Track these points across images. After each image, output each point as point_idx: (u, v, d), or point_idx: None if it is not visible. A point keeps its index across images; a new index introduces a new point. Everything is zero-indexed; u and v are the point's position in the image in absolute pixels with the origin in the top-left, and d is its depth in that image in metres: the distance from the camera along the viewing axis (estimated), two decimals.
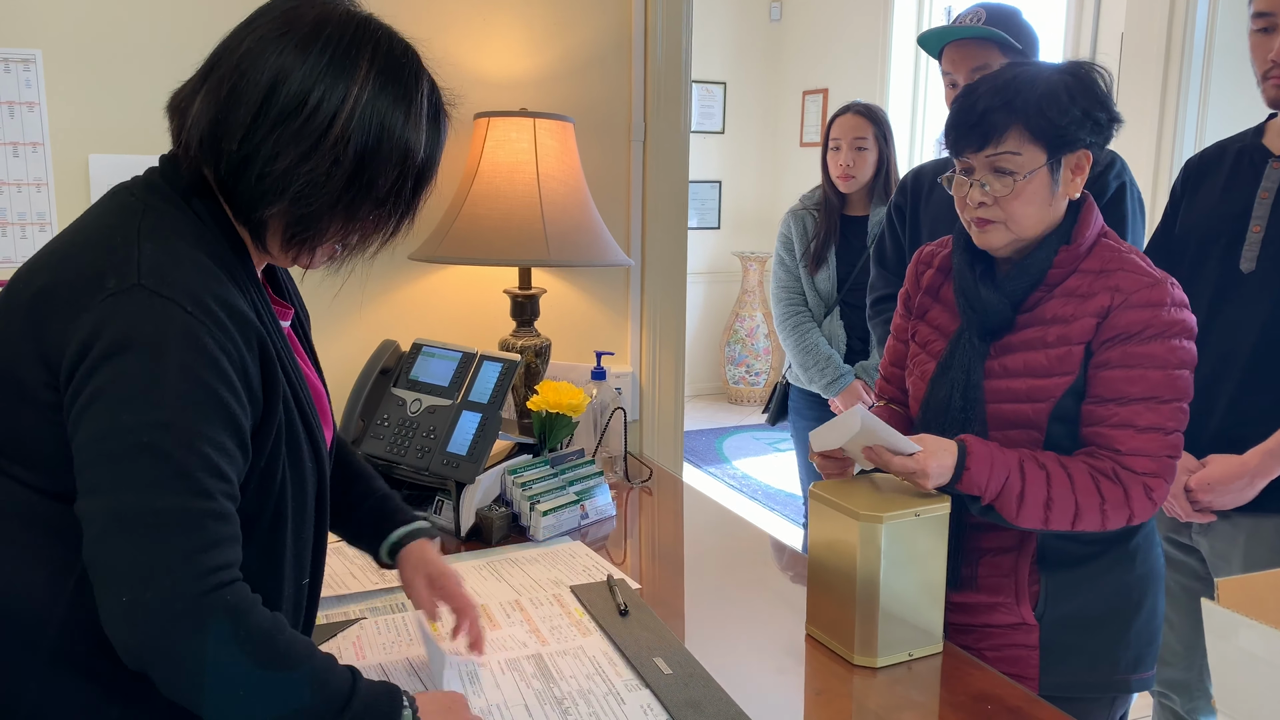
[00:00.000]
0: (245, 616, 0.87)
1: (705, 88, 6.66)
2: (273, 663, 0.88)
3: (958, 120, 1.37)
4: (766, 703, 1.20)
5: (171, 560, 0.83)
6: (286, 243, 0.98)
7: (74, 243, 0.93)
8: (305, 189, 0.93)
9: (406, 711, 0.96)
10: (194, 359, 0.87)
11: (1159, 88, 3.34)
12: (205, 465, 0.86)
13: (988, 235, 1.39)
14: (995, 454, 1.32)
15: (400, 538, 1.27)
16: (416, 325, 2.19)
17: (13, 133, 1.84)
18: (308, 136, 0.92)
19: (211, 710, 0.87)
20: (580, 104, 2.27)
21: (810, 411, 2.82)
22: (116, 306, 0.86)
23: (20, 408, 0.89)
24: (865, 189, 2.74)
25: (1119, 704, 1.47)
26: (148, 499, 0.84)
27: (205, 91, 0.94)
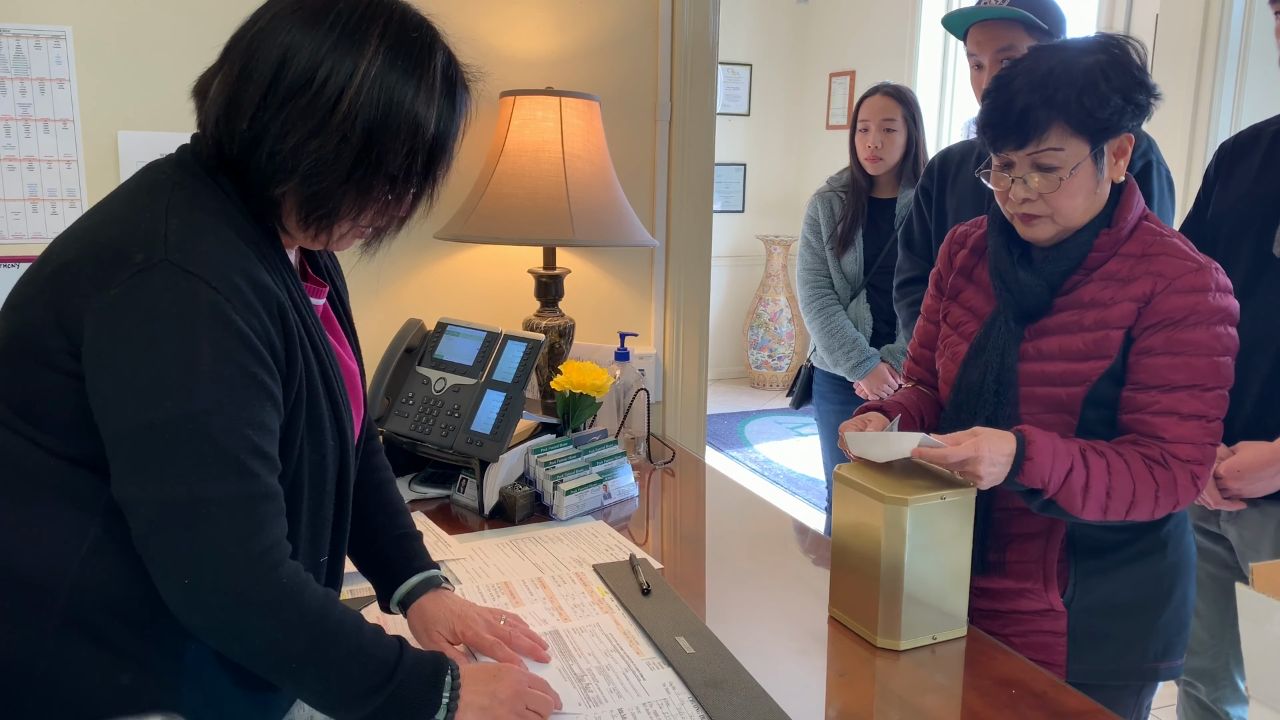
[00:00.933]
0: (298, 596, 0.91)
1: (731, 69, 6.62)
2: (324, 639, 0.92)
3: (994, 118, 1.33)
4: (789, 683, 1.20)
5: (225, 547, 0.87)
6: (303, 221, 0.98)
7: (103, 218, 0.94)
8: (315, 166, 0.93)
9: (448, 679, 1.00)
10: (225, 337, 0.88)
11: (1194, 70, 3.28)
12: (248, 447, 0.88)
13: (1034, 229, 1.36)
14: (1057, 443, 1.29)
15: (409, 590, 1.21)
16: (441, 304, 2.19)
17: (43, 109, 1.85)
18: (315, 113, 0.91)
19: (272, 677, 0.94)
20: (606, 83, 2.26)
21: (834, 395, 2.81)
22: (143, 282, 0.87)
23: (40, 372, 0.90)
24: (893, 171, 2.71)
25: (1146, 692, 1.46)
26: (195, 488, 0.86)
27: (222, 73, 0.95)
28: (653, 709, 1.12)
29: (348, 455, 1.07)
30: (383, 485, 1.27)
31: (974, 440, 1.27)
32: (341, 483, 1.07)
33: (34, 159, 1.86)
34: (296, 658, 0.92)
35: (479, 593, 1.43)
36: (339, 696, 0.95)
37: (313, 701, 0.98)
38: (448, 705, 0.99)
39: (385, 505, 1.26)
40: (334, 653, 0.93)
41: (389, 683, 0.95)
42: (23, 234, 1.88)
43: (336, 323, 1.16)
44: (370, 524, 1.23)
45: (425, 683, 0.99)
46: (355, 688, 0.94)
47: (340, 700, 0.96)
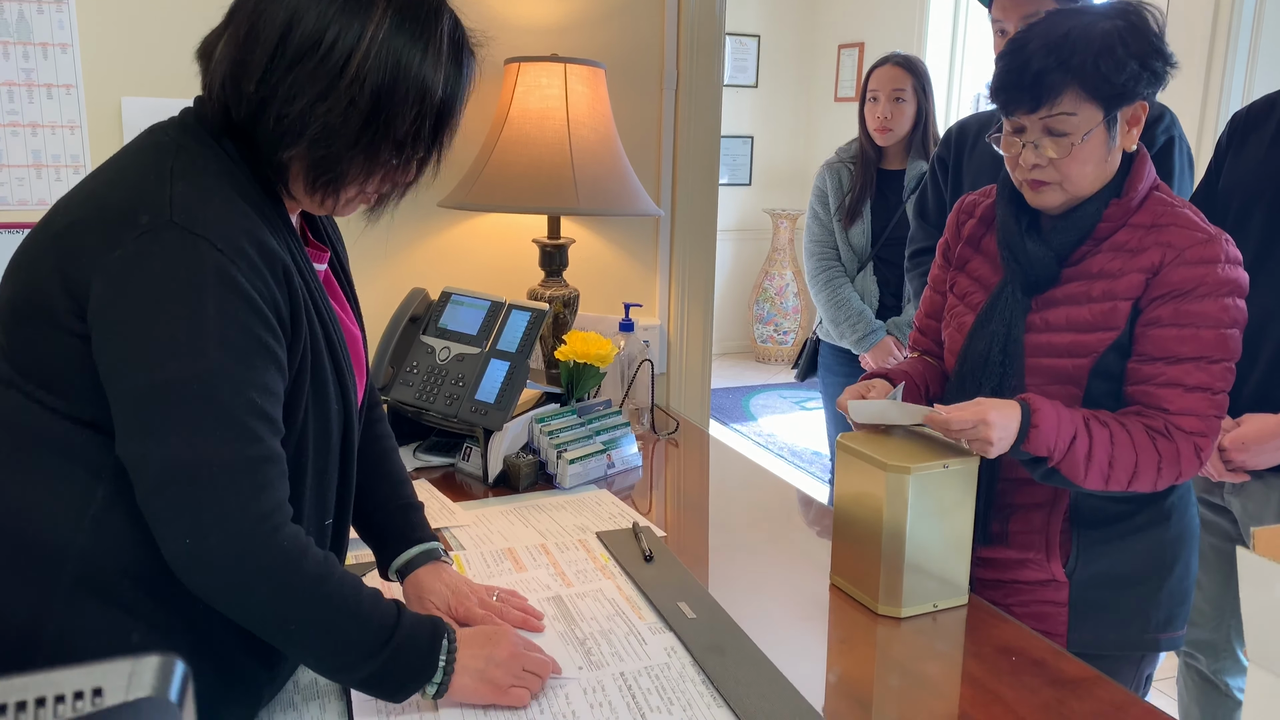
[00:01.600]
0: (300, 560, 0.91)
1: (739, 40, 6.56)
2: (324, 602, 0.93)
3: (1008, 80, 1.31)
4: (790, 649, 1.20)
5: (228, 508, 0.87)
6: (310, 186, 0.98)
7: (108, 179, 0.94)
8: (323, 130, 0.92)
9: (445, 642, 1.01)
10: (230, 300, 0.88)
11: (1207, 41, 3.24)
12: (252, 409, 0.89)
13: (1042, 196, 1.35)
14: (1061, 411, 1.28)
15: (408, 561, 1.21)
16: (446, 273, 2.19)
17: (46, 75, 1.84)
18: (323, 77, 0.91)
19: (271, 639, 0.95)
20: (612, 50, 2.24)
21: (840, 368, 2.80)
22: (149, 244, 0.87)
23: (47, 334, 0.90)
24: (902, 142, 2.69)
25: (1147, 662, 1.46)
26: (199, 449, 0.86)
27: (228, 35, 0.95)
28: (654, 672, 1.13)
29: (351, 419, 1.08)
30: (386, 454, 1.27)
31: (979, 406, 1.27)
32: (345, 446, 1.08)
33: (37, 125, 1.86)
34: (296, 620, 0.93)
35: (483, 559, 1.44)
36: (338, 660, 0.96)
37: (312, 664, 0.99)
38: (444, 668, 1.01)
39: (388, 475, 1.26)
40: (333, 616, 0.94)
41: (386, 646, 0.96)
42: (27, 200, 1.87)
43: (338, 288, 1.16)
44: (373, 493, 1.23)
45: (423, 646, 1.00)
46: (354, 651, 0.95)
47: (339, 664, 0.97)
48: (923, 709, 1.09)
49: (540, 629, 1.22)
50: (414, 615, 1.01)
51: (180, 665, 0.34)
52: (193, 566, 0.88)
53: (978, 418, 1.25)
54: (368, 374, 1.19)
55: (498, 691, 1.03)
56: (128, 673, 0.32)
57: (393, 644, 0.97)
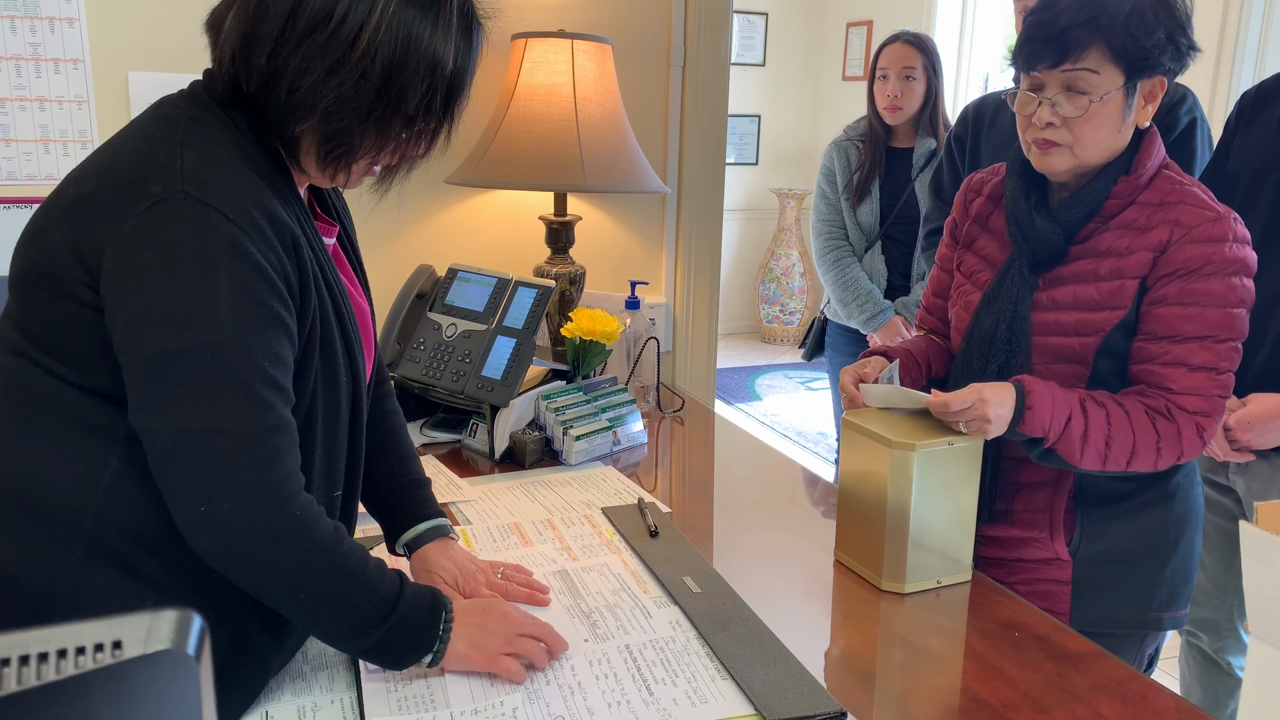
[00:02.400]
0: (310, 529, 0.93)
1: (746, 18, 6.52)
2: (332, 571, 0.95)
3: (1035, 32, 1.30)
4: (794, 623, 1.21)
5: (241, 476, 0.88)
6: (322, 160, 0.99)
7: (118, 151, 0.94)
8: (334, 104, 0.93)
9: (443, 614, 1.04)
10: (242, 269, 0.89)
11: (1219, 18, 3.22)
12: (264, 378, 0.90)
13: (1050, 158, 1.34)
14: (1056, 392, 1.29)
15: (416, 536, 1.23)
16: (452, 250, 2.19)
17: (53, 49, 1.84)
18: (334, 50, 0.92)
19: (279, 607, 0.96)
20: (619, 26, 2.23)
21: (847, 348, 2.80)
22: (161, 213, 0.87)
23: (58, 303, 0.91)
24: (911, 120, 2.68)
25: (1149, 641, 1.47)
26: (212, 417, 0.87)
27: (236, 7, 0.94)
28: (659, 645, 1.14)
29: (360, 392, 1.09)
30: (394, 430, 1.28)
31: (974, 388, 1.27)
32: (355, 419, 1.09)
33: (45, 99, 1.86)
34: (305, 588, 0.94)
35: (489, 533, 1.45)
36: (343, 628, 0.98)
37: (317, 632, 1.00)
38: (441, 638, 1.03)
39: (396, 450, 1.27)
40: (341, 586, 0.95)
41: (390, 616, 0.98)
42: (35, 175, 1.88)
43: (346, 263, 1.16)
44: (381, 468, 1.24)
45: (423, 618, 1.02)
46: (359, 620, 0.97)
47: (344, 632, 0.98)
48: (925, 682, 1.10)
49: (546, 603, 1.23)
50: (415, 587, 1.03)
51: (198, 619, 0.35)
52: (204, 534, 0.89)
53: (974, 396, 1.26)
54: (376, 349, 1.20)
55: (489, 658, 1.05)
56: (146, 626, 0.33)
57: (396, 614, 0.99)
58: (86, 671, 0.31)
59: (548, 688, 1.05)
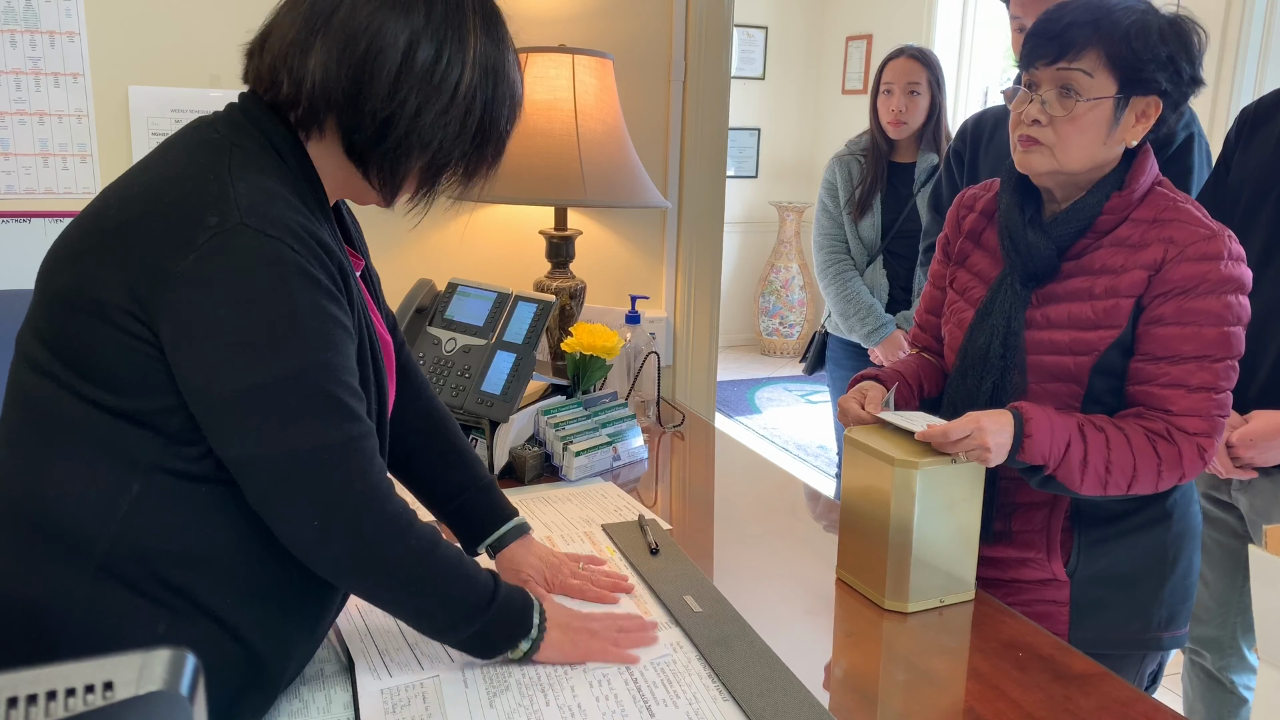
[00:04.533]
0: (412, 526, 0.98)
1: (746, 32, 6.54)
2: (436, 565, 1.01)
3: (1039, 29, 1.32)
4: (796, 643, 1.20)
5: (352, 484, 0.93)
6: (417, 190, 1.05)
7: (163, 175, 0.93)
8: (445, 140, 0.99)
9: (536, 603, 1.11)
10: (313, 291, 0.91)
11: (1218, 34, 3.23)
12: (349, 390, 0.94)
13: (1031, 157, 1.34)
14: (1054, 418, 1.28)
15: (500, 536, 1.27)
16: (452, 264, 2.19)
17: (53, 63, 1.84)
18: (444, 91, 0.97)
19: (386, 605, 1.03)
20: (620, 41, 2.23)
21: (848, 361, 2.80)
22: (224, 246, 0.87)
23: (97, 327, 0.90)
24: (914, 135, 2.68)
25: (1149, 660, 1.46)
26: (310, 438, 0.91)
27: (322, 46, 0.95)
28: (660, 665, 1.13)
29: (384, 426, 1.09)
30: (455, 436, 1.31)
31: (972, 416, 1.26)
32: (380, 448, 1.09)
33: (44, 113, 1.86)
34: (414, 583, 0.99)
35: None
36: (446, 619, 1.04)
37: (420, 626, 1.05)
38: (539, 625, 1.09)
39: (464, 456, 1.30)
40: (444, 577, 1.01)
41: (490, 606, 1.04)
42: (34, 189, 1.88)
43: (369, 297, 1.17)
44: (454, 476, 1.28)
45: (518, 608, 1.08)
46: (461, 610, 1.03)
47: (446, 623, 1.04)
48: (928, 704, 1.09)
49: (631, 589, 1.30)
50: (508, 584, 1.09)
51: (191, 659, 0.34)
52: (324, 547, 0.94)
53: (972, 425, 1.25)
54: (396, 383, 1.21)
55: (590, 639, 1.13)
56: (138, 666, 0.32)
57: (495, 604, 1.05)
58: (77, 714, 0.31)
59: (547, 709, 1.04)
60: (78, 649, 0.91)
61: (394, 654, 1.14)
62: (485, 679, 1.09)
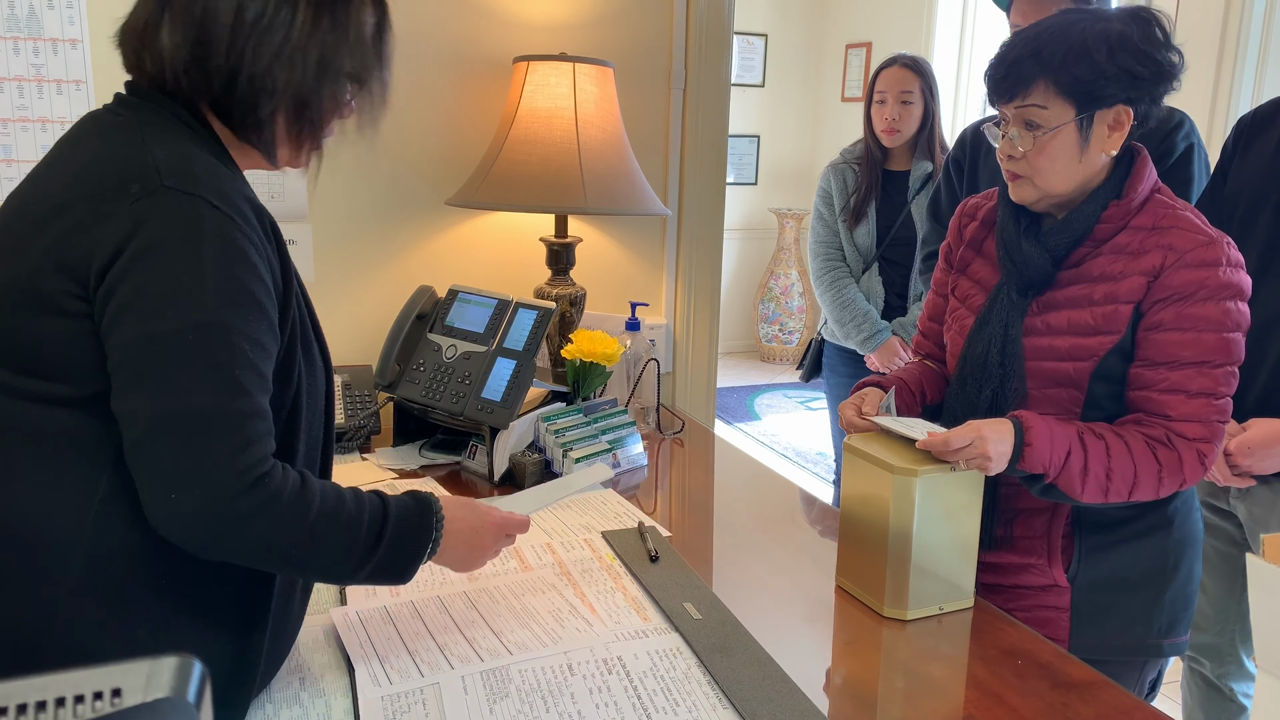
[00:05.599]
0: (279, 499, 0.91)
1: (746, 39, 6.56)
2: (313, 528, 0.94)
3: (991, 70, 1.35)
4: (795, 650, 1.20)
5: (217, 460, 0.88)
6: (296, 138, 1.03)
7: (80, 160, 0.95)
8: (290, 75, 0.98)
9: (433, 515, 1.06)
10: (229, 255, 0.90)
11: (1216, 46, 3.24)
12: (244, 363, 0.90)
13: (1018, 189, 1.37)
14: (1054, 426, 1.28)
15: None
16: (453, 271, 2.19)
17: (56, 70, 1.85)
18: (279, 28, 0.96)
19: (272, 571, 0.98)
20: (620, 49, 2.24)
21: (845, 368, 2.80)
22: (147, 208, 0.89)
23: (41, 320, 0.90)
24: (908, 143, 2.69)
25: (1150, 667, 1.46)
26: (191, 400, 0.87)
27: (170, 21, 0.97)
28: (660, 674, 1.13)
29: (331, 387, 1.11)
30: None
31: (973, 425, 1.27)
32: (328, 402, 1.11)
33: (47, 120, 1.86)
34: (292, 552, 0.94)
35: None
36: (339, 570, 0.99)
37: (317, 580, 1.03)
38: (435, 540, 1.05)
39: None
40: (325, 535, 0.95)
41: (380, 539, 0.99)
42: None
43: None
44: None
45: (415, 526, 1.04)
46: (353, 557, 0.98)
47: (341, 573, 1.00)
48: (928, 712, 1.09)
49: None
50: (399, 500, 1.04)
51: (198, 666, 0.34)
52: (177, 523, 0.88)
53: (973, 434, 1.25)
54: None
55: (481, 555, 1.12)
56: (146, 673, 0.33)
57: (387, 534, 1.00)
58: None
59: (547, 715, 1.04)
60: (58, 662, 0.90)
61: (394, 660, 1.14)
62: (485, 685, 1.09)
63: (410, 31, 2.02)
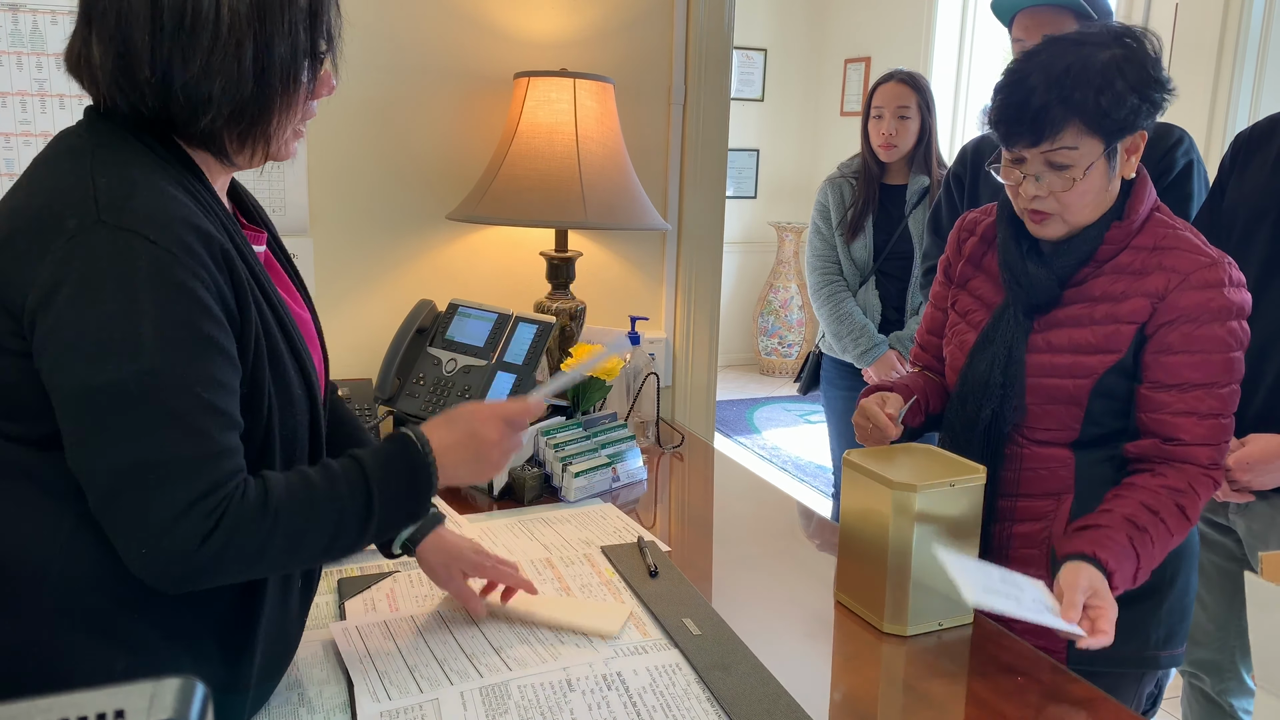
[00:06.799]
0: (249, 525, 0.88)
1: (745, 54, 6.58)
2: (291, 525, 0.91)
3: (1009, 114, 1.31)
4: (795, 667, 1.20)
5: (179, 510, 0.85)
6: (240, 141, 0.96)
7: (26, 191, 0.91)
8: (225, 83, 0.91)
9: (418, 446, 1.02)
10: (168, 295, 0.85)
11: (1213, 61, 3.25)
12: (198, 405, 0.86)
13: (1044, 228, 1.36)
14: (1121, 555, 1.24)
15: (414, 530, 1.24)
16: (453, 285, 2.20)
17: (58, 85, 1.86)
18: (204, 31, 0.89)
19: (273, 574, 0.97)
20: (620, 65, 2.25)
21: (843, 381, 2.81)
22: (78, 247, 0.84)
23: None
24: (905, 157, 2.70)
25: (1148, 680, 1.46)
26: (146, 452, 0.84)
27: (96, 37, 0.91)
28: (659, 689, 1.13)
29: (316, 406, 1.05)
30: (356, 433, 1.26)
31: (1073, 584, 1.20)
32: (314, 433, 1.06)
33: (49, 135, 1.86)
34: (277, 557, 0.91)
35: None
36: (340, 545, 0.96)
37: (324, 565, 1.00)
38: (431, 472, 1.01)
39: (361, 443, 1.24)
40: (305, 530, 0.92)
41: (370, 502, 0.96)
42: None
43: (281, 271, 1.12)
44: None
45: (403, 472, 1.00)
46: (348, 531, 0.95)
47: (343, 547, 0.97)
48: None
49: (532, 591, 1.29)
50: (374, 454, 1.00)
51: (200, 688, 0.34)
52: (154, 572, 0.86)
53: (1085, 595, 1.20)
54: (326, 359, 1.16)
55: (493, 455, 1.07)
56: (149, 694, 0.33)
57: (375, 496, 0.96)
58: None
59: None
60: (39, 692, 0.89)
61: (393, 676, 1.14)
62: (484, 702, 1.09)
63: (412, 46, 2.03)
